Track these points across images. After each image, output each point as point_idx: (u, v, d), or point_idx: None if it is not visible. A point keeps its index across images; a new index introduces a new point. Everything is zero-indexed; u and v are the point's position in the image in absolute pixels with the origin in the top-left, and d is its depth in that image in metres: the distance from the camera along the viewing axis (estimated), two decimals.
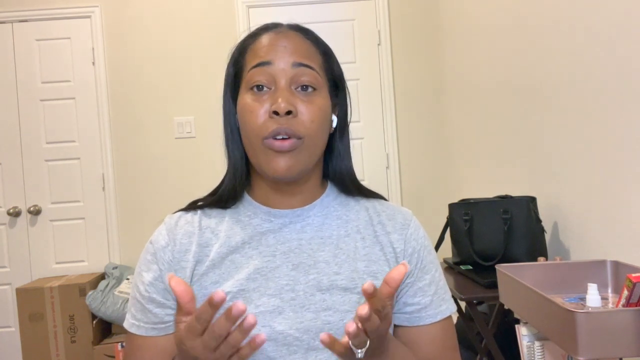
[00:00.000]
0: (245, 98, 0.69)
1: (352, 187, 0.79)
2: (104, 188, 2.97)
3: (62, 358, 2.59)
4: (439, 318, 0.74)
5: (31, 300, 2.60)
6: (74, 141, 2.98)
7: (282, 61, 0.68)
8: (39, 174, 2.95)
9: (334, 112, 0.76)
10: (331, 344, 0.54)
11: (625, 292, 0.90)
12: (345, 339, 0.55)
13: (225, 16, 3.00)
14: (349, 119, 0.79)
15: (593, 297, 0.99)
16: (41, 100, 2.96)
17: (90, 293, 2.60)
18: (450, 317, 0.77)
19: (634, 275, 0.89)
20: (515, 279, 1.12)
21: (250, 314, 0.57)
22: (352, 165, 0.79)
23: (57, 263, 2.95)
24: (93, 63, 2.97)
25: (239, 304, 0.50)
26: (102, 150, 2.97)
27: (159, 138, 3.00)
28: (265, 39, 0.71)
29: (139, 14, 2.99)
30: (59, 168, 2.97)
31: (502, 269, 1.20)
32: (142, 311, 0.71)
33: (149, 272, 0.72)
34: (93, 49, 2.96)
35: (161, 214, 2.80)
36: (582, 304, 1.04)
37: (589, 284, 1.01)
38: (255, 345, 0.53)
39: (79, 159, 2.98)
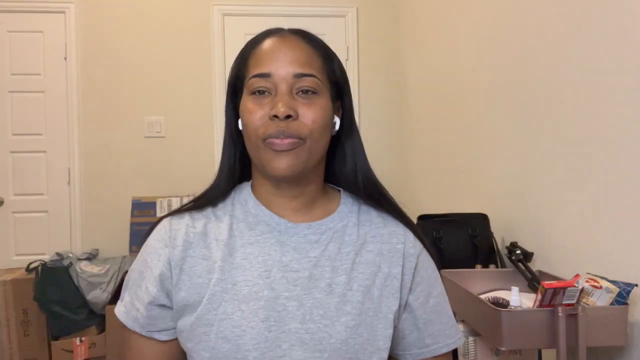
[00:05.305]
0: (247, 101, 0.70)
1: (368, 191, 0.77)
2: (69, 182, 2.98)
3: (15, 352, 2.58)
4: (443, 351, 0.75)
5: None
6: (41, 134, 2.97)
7: (283, 70, 0.68)
8: (3, 165, 2.93)
9: (337, 114, 0.76)
10: None
11: (539, 296, 1.10)
12: None
13: (200, 22, 3.07)
14: (355, 118, 0.78)
15: (515, 297, 1.18)
16: (9, 91, 2.94)
17: None
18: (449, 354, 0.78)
19: (546, 282, 1.09)
20: (454, 282, 1.31)
21: None
22: (368, 165, 0.77)
23: (17, 255, 2.93)
24: (65, 58, 2.98)
25: None
26: (69, 144, 2.98)
27: (128, 136, 3.03)
28: (266, 45, 0.71)
29: (114, 13, 3.02)
30: (25, 160, 2.96)
31: (445, 274, 1.38)
32: (148, 317, 0.71)
33: (155, 268, 0.71)
34: (66, 44, 2.97)
35: (126, 211, 2.84)
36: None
37: (512, 287, 1.21)
38: None
39: (45, 152, 2.98)
